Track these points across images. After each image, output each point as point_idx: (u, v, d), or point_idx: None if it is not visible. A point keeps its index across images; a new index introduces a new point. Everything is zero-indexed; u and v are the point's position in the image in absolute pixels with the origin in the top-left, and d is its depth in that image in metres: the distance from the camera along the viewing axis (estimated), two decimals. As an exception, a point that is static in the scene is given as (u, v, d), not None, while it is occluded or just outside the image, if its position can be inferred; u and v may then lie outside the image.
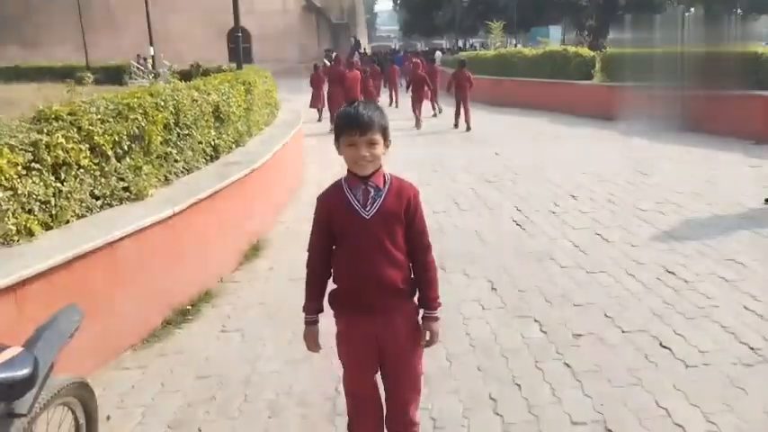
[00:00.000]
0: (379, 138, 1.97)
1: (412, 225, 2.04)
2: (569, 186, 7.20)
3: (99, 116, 3.98)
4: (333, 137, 2.07)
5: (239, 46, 12.66)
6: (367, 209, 1.99)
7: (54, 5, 30.85)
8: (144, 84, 20.46)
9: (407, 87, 14.97)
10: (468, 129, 12.46)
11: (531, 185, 7.39)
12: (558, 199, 6.67)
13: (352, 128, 1.95)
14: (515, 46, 27.69)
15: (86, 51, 24.92)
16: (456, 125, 12.99)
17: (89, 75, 22.42)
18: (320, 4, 37.99)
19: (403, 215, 2.02)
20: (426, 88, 13.94)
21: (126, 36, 30.64)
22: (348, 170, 2.04)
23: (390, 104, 18.03)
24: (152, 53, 22.93)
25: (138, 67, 23.82)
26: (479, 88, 19.31)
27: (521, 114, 15.01)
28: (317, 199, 2.11)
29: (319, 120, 14.73)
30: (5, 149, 3.21)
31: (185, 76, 19.16)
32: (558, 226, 5.68)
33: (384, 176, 2.04)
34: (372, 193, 2.00)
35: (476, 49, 41.35)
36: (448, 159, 9.39)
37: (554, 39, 24.49)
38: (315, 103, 15.21)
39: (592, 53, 14.97)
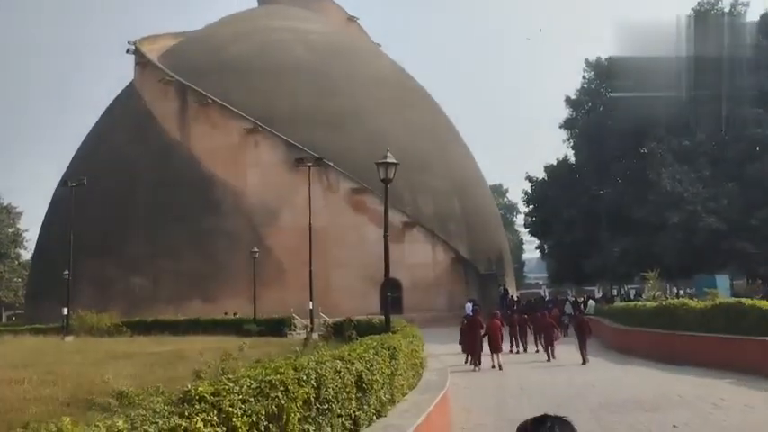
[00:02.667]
0: None
1: None
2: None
3: (241, 396, 3.93)
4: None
5: (388, 301, 12.98)
6: None
7: (235, 265, 35.21)
8: (300, 336, 21.78)
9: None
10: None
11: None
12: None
13: None
14: (677, 296, 26.05)
15: (255, 306, 27.41)
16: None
17: (254, 326, 24.49)
18: (468, 256, 39.64)
19: None
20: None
21: (291, 290, 33.57)
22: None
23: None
24: (311, 306, 24.71)
25: (295, 320, 25.49)
26: (639, 341, 17.93)
27: (695, 374, 13.26)
28: None
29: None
30: (143, 439, 3.16)
31: (338, 328, 20.19)
32: None
33: None
34: None
35: (629, 298, 39.66)
36: None
37: (721, 288, 22.66)
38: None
39: (773, 306, 13.41)
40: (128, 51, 44.68)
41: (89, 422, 3.61)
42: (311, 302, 25.33)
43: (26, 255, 59.64)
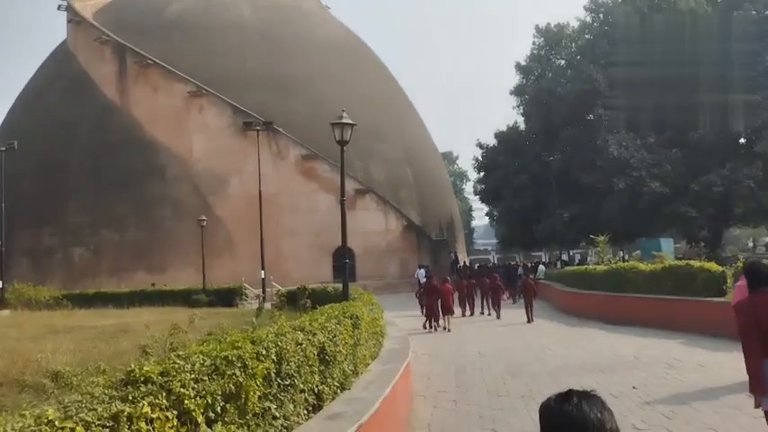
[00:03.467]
0: None
1: None
2: None
3: (193, 375, 3.48)
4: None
5: (346, 267, 12.63)
6: None
7: (182, 234, 34.06)
8: (252, 306, 21.24)
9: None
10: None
11: None
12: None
13: None
14: (623, 259, 26.72)
15: (204, 276, 26.60)
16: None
17: (203, 296, 23.76)
18: (420, 223, 39.66)
19: None
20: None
21: (242, 259, 32.79)
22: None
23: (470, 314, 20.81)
24: (262, 276, 24.13)
25: (247, 290, 24.88)
26: (591, 305, 18.26)
27: (647, 335, 13.53)
28: None
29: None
30: (79, 428, 2.69)
31: (291, 297, 19.73)
32: None
33: None
34: None
35: (576, 263, 40.65)
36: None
37: (666, 251, 23.33)
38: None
39: (721, 268, 13.73)
40: (59, 8, 41.91)
41: (18, 408, 3.12)
42: (263, 271, 24.75)
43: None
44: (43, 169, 37.44)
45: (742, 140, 34.27)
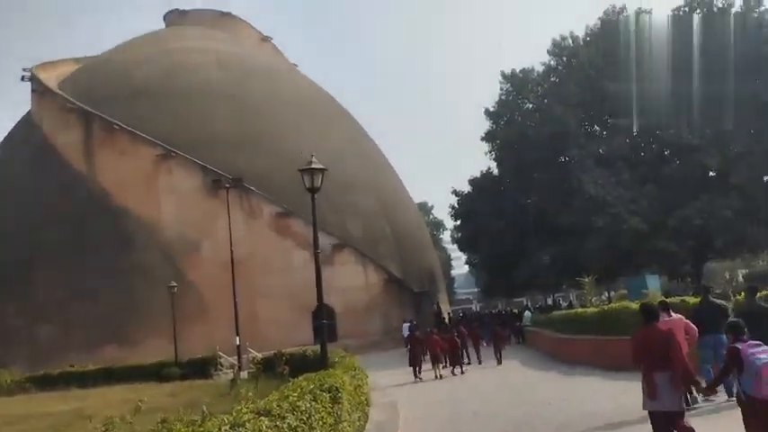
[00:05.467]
0: None
1: None
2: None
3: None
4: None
5: (323, 329, 11.69)
6: None
7: (153, 303, 32.55)
8: (228, 376, 19.91)
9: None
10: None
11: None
12: None
13: None
14: (610, 300, 26.11)
15: (176, 347, 25.28)
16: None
17: (176, 369, 22.38)
18: (401, 276, 38.75)
19: None
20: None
21: (217, 325, 31.31)
22: None
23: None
24: (237, 342, 22.92)
25: (222, 359, 23.56)
26: (585, 350, 17.47)
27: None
28: None
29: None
30: None
31: (268, 364, 18.57)
32: None
33: None
34: None
35: (560, 306, 39.95)
36: None
37: (652, 288, 22.78)
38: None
39: (726, 303, 13.08)
40: (23, 79, 41.34)
41: None
42: (237, 338, 23.48)
43: None
44: (8, 242, 35.98)
45: (711, 173, 34.51)
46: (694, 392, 9.24)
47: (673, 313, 9.96)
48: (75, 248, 34.72)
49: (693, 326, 9.66)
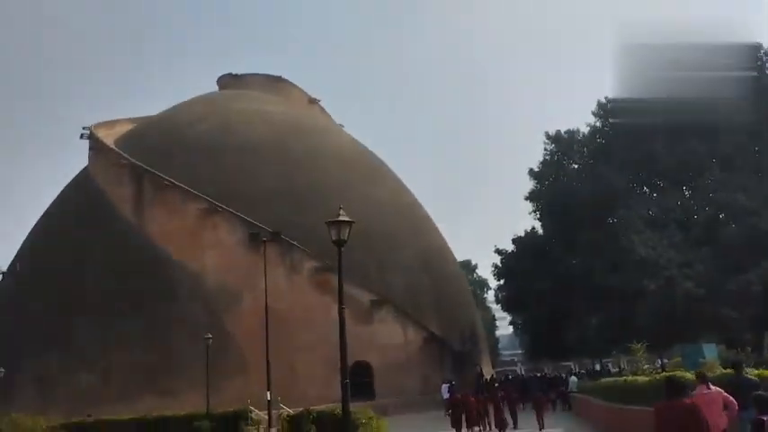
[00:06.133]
0: None
1: None
2: None
3: None
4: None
5: (347, 389, 11.18)
6: None
7: (193, 355, 32.43)
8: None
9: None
10: None
11: None
12: None
13: None
14: (663, 368, 24.68)
15: (208, 399, 24.99)
16: None
17: (206, 422, 22.02)
18: (441, 335, 37.80)
19: None
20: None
21: (255, 378, 30.93)
22: None
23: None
24: (268, 397, 22.51)
25: (252, 413, 23.13)
26: (635, 422, 16.28)
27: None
28: None
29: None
30: None
31: (296, 421, 18.03)
32: None
33: None
34: None
35: (609, 372, 38.02)
36: None
37: (709, 357, 21.37)
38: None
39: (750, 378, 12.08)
40: (82, 137, 43.44)
41: None
42: (269, 392, 23.02)
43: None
44: (55, 292, 36.93)
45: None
46: None
47: (711, 386, 9.42)
48: (118, 298, 35.33)
49: (733, 399, 9.30)
